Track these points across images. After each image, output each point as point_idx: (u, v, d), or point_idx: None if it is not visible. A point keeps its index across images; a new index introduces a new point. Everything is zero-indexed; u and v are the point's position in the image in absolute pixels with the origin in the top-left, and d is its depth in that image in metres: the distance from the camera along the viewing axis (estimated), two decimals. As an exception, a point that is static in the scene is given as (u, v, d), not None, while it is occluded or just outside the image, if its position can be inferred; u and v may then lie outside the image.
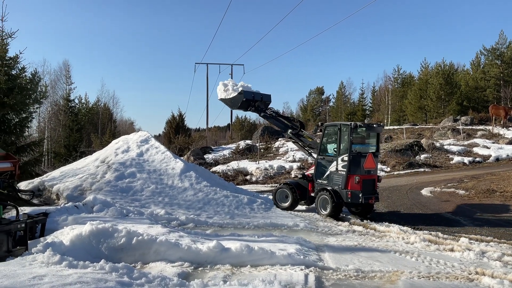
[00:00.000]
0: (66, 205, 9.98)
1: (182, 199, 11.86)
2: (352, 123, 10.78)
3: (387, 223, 9.95)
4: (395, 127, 40.66)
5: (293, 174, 21.63)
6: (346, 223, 10.17)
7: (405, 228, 9.47)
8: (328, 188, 11.00)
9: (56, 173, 14.12)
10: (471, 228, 9.76)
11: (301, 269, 6.14)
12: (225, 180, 16.52)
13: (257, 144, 31.95)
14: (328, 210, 10.86)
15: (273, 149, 32.97)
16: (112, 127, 52.51)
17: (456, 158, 22.94)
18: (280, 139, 39.74)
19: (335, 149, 11.21)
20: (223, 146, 44.38)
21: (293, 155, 26.78)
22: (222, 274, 5.92)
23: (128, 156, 13.83)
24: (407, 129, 34.09)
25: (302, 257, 6.67)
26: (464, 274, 6.15)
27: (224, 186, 13.65)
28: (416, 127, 37.17)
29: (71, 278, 4.65)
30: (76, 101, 48.96)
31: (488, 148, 24.57)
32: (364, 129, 11.05)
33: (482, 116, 36.10)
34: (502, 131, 28.50)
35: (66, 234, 6.93)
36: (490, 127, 30.07)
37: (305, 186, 12.04)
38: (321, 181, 11.45)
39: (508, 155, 22.61)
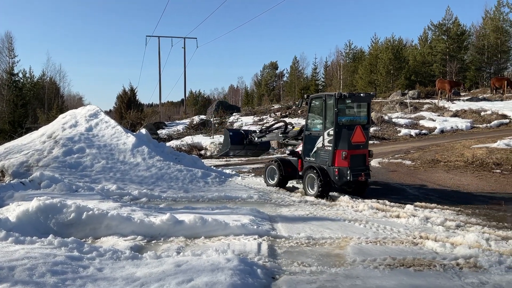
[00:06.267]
0: (11, 181, 9.62)
1: (134, 174, 11.68)
2: (337, 93, 9.83)
3: (337, 193, 10.22)
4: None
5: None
6: (299, 194, 10.39)
7: (354, 197, 9.81)
8: (315, 165, 10.08)
9: (0, 149, 13.51)
10: (416, 196, 10.23)
11: (255, 239, 6.26)
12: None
13: (211, 119, 31.74)
14: (315, 189, 9.96)
15: (228, 123, 32.91)
16: (59, 102, 50.61)
17: (404, 131, 23.77)
18: (234, 114, 39.70)
19: (321, 123, 10.28)
20: (177, 122, 43.86)
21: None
22: (176, 246, 5.94)
23: (77, 131, 13.40)
24: (358, 103, 34.74)
25: (255, 227, 6.78)
26: (409, 239, 6.46)
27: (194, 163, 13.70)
28: (367, 101, 38.00)
29: (18, 253, 4.53)
30: (20, 75, 46.87)
31: (433, 120, 25.57)
32: (350, 100, 10.05)
33: (429, 90, 37.36)
34: (447, 104, 29.68)
35: (12, 211, 6.72)
36: (436, 101, 31.25)
37: (294, 163, 11.13)
38: (309, 158, 10.56)
39: (452, 127, 23.63)
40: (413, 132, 23.46)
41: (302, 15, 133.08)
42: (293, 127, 12.11)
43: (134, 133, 14.45)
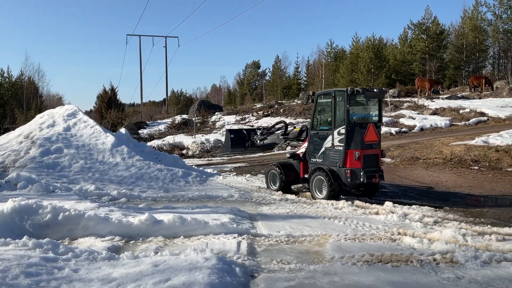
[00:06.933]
0: (-14, 183, 9.40)
1: (113, 174, 11.55)
2: (348, 88, 9.20)
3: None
4: (329, 100, 41.63)
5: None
6: (280, 192, 10.38)
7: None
8: (324, 167, 9.46)
9: (-25, 150, 13.20)
10: (395, 193, 10.34)
11: (234, 237, 6.23)
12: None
13: (193, 119, 31.60)
14: (325, 192, 9.37)
15: (210, 123, 32.85)
16: (38, 102, 49.83)
17: (384, 129, 23.92)
18: (216, 113, 39.60)
19: (330, 122, 9.66)
20: (159, 121, 43.64)
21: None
22: (154, 246, 5.87)
23: (54, 131, 13.20)
24: (339, 101, 34.92)
25: (235, 225, 6.76)
26: (388, 235, 6.52)
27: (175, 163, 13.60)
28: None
29: (-9, 256, 4.42)
30: (-2, 74, 45.89)
31: (413, 118, 25.83)
32: (362, 95, 9.36)
33: (409, 89, 37.74)
34: (426, 102, 30.03)
35: (-15, 213, 6.53)
36: (416, 99, 31.61)
37: (296, 167, 10.53)
38: (315, 160, 9.90)
39: (431, 125, 23.90)
40: (393, 130, 23.66)
41: (284, 14, 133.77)
42: (294, 128, 11.83)
43: (114, 133, 14.29)
